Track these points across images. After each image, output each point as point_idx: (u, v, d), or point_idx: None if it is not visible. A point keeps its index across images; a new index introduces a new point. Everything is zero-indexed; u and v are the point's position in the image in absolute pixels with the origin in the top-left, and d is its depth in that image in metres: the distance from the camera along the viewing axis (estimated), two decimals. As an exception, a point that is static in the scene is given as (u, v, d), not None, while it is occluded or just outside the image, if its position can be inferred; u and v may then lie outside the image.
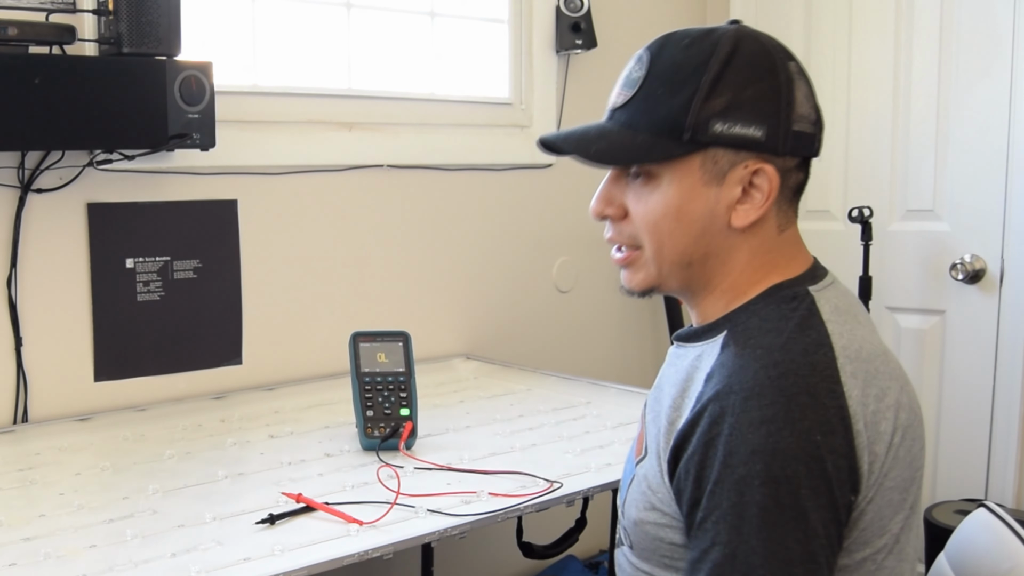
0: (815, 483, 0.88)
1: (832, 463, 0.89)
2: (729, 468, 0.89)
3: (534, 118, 2.52)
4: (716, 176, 0.98)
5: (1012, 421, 2.35)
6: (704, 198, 0.99)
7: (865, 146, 2.59)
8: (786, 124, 0.98)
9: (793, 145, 0.99)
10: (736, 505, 0.88)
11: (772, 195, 0.99)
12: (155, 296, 1.95)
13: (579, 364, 2.59)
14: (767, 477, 0.87)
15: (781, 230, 1.04)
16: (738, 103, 0.96)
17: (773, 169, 0.98)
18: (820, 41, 2.66)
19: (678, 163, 0.98)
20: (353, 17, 2.27)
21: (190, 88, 1.80)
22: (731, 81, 0.97)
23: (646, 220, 1.01)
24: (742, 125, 0.97)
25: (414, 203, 2.33)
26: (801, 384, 0.91)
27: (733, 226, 1.00)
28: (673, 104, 0.97)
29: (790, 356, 0.93)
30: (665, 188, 0.99)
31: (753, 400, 0.90)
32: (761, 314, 0.99)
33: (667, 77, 0.99)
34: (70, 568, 1.17)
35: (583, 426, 1.81)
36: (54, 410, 1.85)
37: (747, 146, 0.97)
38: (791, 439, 0.88)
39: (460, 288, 2.42)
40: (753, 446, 0.88)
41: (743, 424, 0.90)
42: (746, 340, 0.97)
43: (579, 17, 2.50)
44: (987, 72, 2.34)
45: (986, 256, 2.38)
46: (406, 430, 1.61)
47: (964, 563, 1.22)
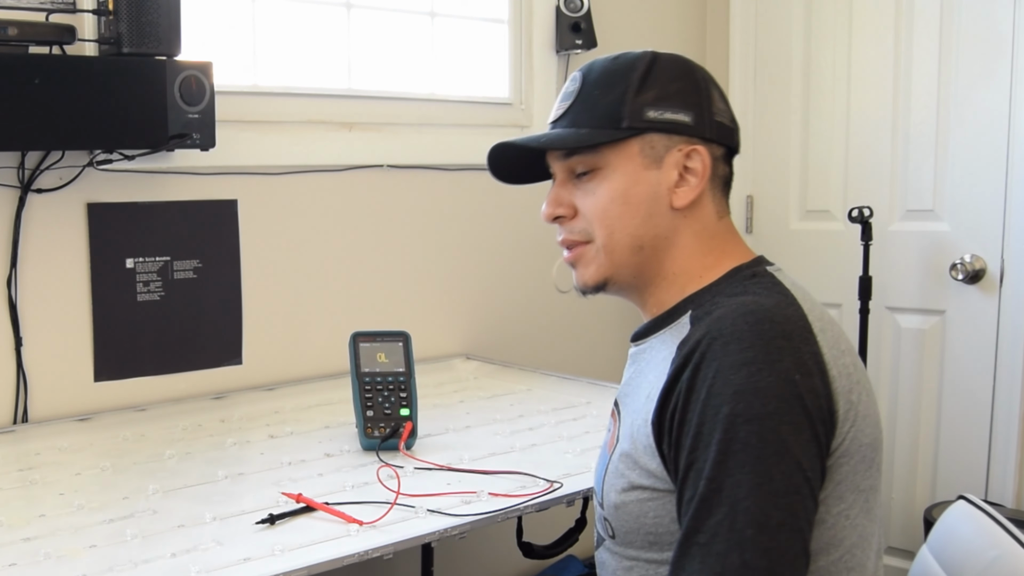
0: (796, 419, 0.93)
1: (811, 401, 0.94)
2: (712, 409, 0.94)
3: (534, 118, 2.52)
4: (654, 160, 1.08)
5: (1012, 421, 2.35)
6: (647, 181, 1.08)
7: (865, 146, 2.59)
8: (709, 114, 1.09)
9: (718, 132, 1.10)
10: (721, 442, 0.93)
11: (706, 175, 1.08)
12: (155, 296, 1.95)
13: (579, 364, 2.59)
14: (750, 415, 0.92)
15: (720, 216, 1.12)
16: (666, 94, 1.07)
17: (705, 150, 1.08)
18: (820, 41, 2.67)
19: (619, 151, 1.08)
20: (353, 17, 2.27)
21: (190, 88, 1.80)
22: (657, 78, 1.08)
23: (596, 209, 1.09)
24: (672, 112, 1.07)
25: (414, 203, 2.33)
26: (777, 329, 0.97)
27: (675, 207, 1.08)
28: (609, 99, 1.08)
29: (764, 307, 1.00)
30: (610, 177, 1.08)
31: (733, 344, 0.96)
32: (726, 291, 1.06)
33: (600, 82, 1.10)
34: (70, 568, 1.17)
35: (583, 426, 1.81)
36: (54, 410, 1.85)
37: (678, 130, 1.08)
38: (771, 378, 0.93)
39: (460, 288, 2.43)
40: (735, 386, 0.93)
41: (724, 367, 0.95)
42: (718, 307, 1.03)
43: (579, 17, 2.50)
44: (987, 72, 2.34)
45: (986, 256, 2.38)
46: (406, 430, 1.61)
47: (948, 554, 1.23)
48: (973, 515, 1.22)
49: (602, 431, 1.77)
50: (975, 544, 1.19)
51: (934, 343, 2.49)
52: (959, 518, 1.25)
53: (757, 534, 0.89)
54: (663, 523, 1.02)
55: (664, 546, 1.03)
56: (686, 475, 0.95)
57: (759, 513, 0.90)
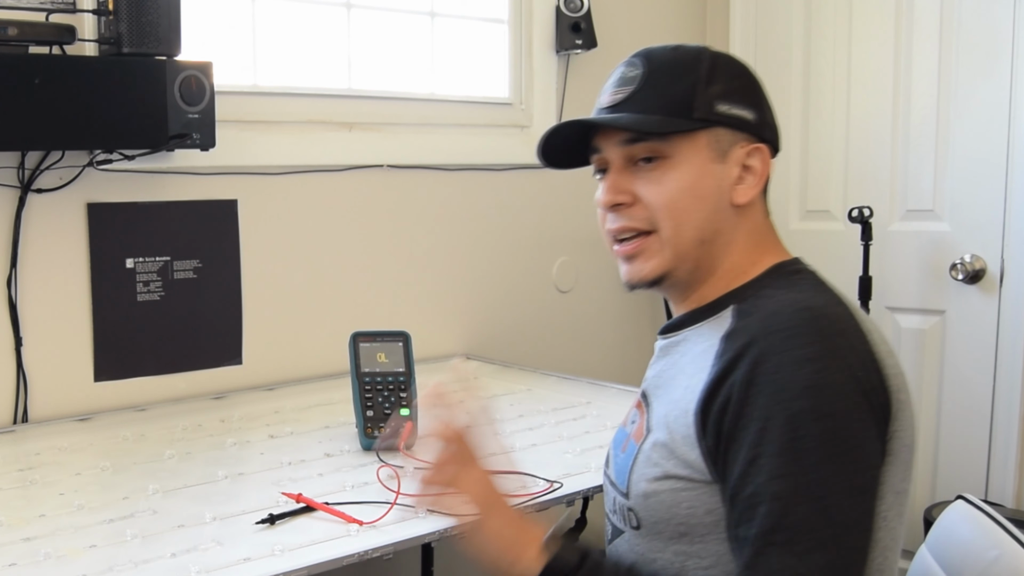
0: (863, 416, 0.94)
1: (874, 399, 0.95)
2: (780, 404, 0.92)
3: (534, 118, 2.52)
4: (720, 154, 1.06)
5: (1012, 421, 2.35)
6: (713, 175, 1.06)
7: (865, 146, 2.59)
8: (768, 114, 1.10)
9: (772, 133, 1.10)
10: (792, 440, 0.91)
11: (765, 174, 1.08)
12: (155, 296, 1.95)
13: (579, 364, 2.59)
14: (820, 412, 0.92)
15: (765, 215, 1.12)
16: (732, 89, 1.07)
17: (768, 149, 1.09)
18: (820, 41, 2.66)
19: (688, 142, 1.05)
20: (353, 17, 2.27)
21: (190, 88, 1.80)
22: (723, 73, 1.07)
23: (663, 200, 1.06)
24: (739, 107, 1.07)
25: (414, 203, 2.33)
26: (835, 326, 0.97)
27: (735, 203, 1.07)
28: (680, 87, 1.06)
29: (818, 304, 1.00)
30: (680, 167, 1.06)
31: (795, 339, 0.95)
32: (772, 284, 1.06)
33: (667, 69, 1.07)
34: (70, 568, 1.17)
35: (583, 426, 1.81)
36: (54, 410, 1.85)
37: (743, 127, 1.07)
38: (837, 374, 0.93)
39: (460, 288, 2.42)
40: (803, 382, 0.92)
41: (788, 362, 0.94)
42: (766, 301, 1.03)
43: (579, 17, 2.50)
44: (987, 72, 2.34)
45: (986, 256, 2.38)
46: (406, 430, 1.61)
47: (948, 554, 1.23)
48: (972, 515, 1.22)
49: (602, 431, 1.77)
50: (975, 544, 1.19)
51: (934, 343, 2.49)
52: (958, 518, 1.25)
53: (840, 533, 0.90)
54: (696, 514, 1.01)
55: (695, 537, 1.02)
56: (747, 469, 0.93)
57: (839, 512, 0.90)
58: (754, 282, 1.07)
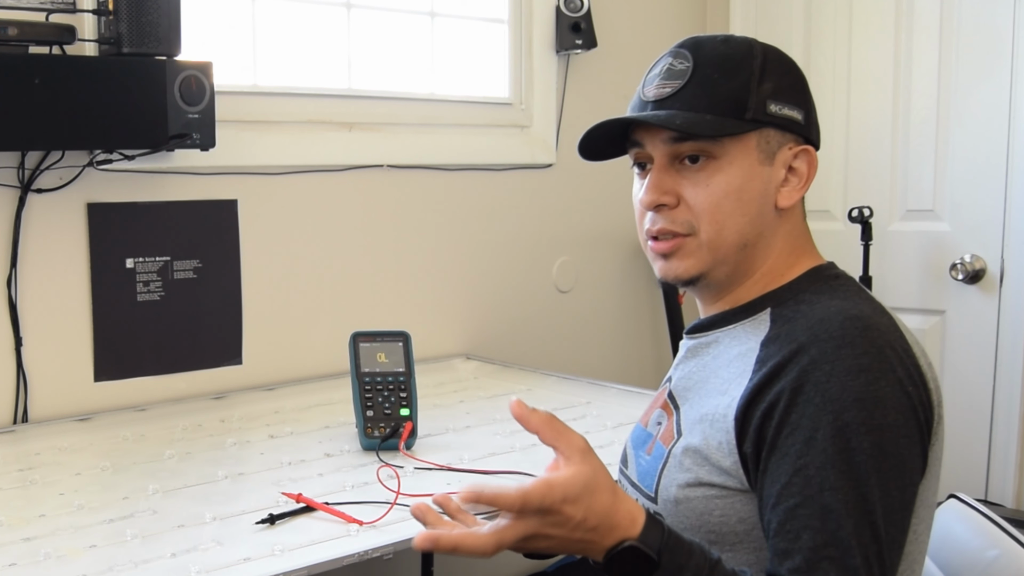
0: (911, 432, 0.92)
1: (921, 413, 0.94)
2: (831, 415, 0.90)
3: (534, 118, 2.52)
4: (768, 156, 1.03)
5: (1012, 421, 2.35)
6: (760, 178, 1.03)
7: (865, 146, 2.59)
8: (814, 114, 1.07)
9: (818, 134, 1.07)
10: (843, 451, 0.89)
11: (811, 177, 1.05)
12: (155, 296, 1.95)
13: (579, 364, 2.59)
14: (871, 425, 0.90)
15: (803, 218, 1.10)
16: (782, 87, 1.03)
17: (814, 152, 1.05)
18: (820, 41, 2.66)
19: (739, 143, 1.02)
20: (353, 17, 2.27)
21: (190, 88, 1.80)
22: (774, 69, 1.04)
23: (708, 203, 1.02)
24: (789, 107, 1.03)
25: (414, 203, 2.33)
26: (884, 338, 0.95)
27: (779, 207, 1.05)
28: (732, 86, 1.01)
29: (866, 313, 0.97)
30: (727, 169, 1.02)
31: (846, 349, 0.92)
32: (811, 289, 1.03)
33: (718, 64, 1.02)
34: (70, 568, 1.17)
35: (583, 426, 1.80)
36: (54, 410, 1.85)
37: (792, 128, 1.04)
38: (889, 388, 0.91)
39: (460, 288, 2.42)
40: (856, 394, 0.90)
41: (839, 371, 0.91)
42: (808, 307, 1.00)
43: (579, 17, 2.50)
44: (987, 72, 2.34)
45: (986, 256, 2.38)
46: (406, 430, 1.61)
47: (945, 554, 1.22)
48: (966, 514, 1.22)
49: (602, 431, 1.77)
50: (972, 544, 1.19)
51: (934, 343, 2.48)
52: (952, 517, 1.24)
53: (884, 550, 0.88)
54: (728, 522, 0.98)
55: (724, 546, 0.98)
56: (791, 479, 0.90)
57: (883, 529, 0.89)
58: (791, 285, 1.04)
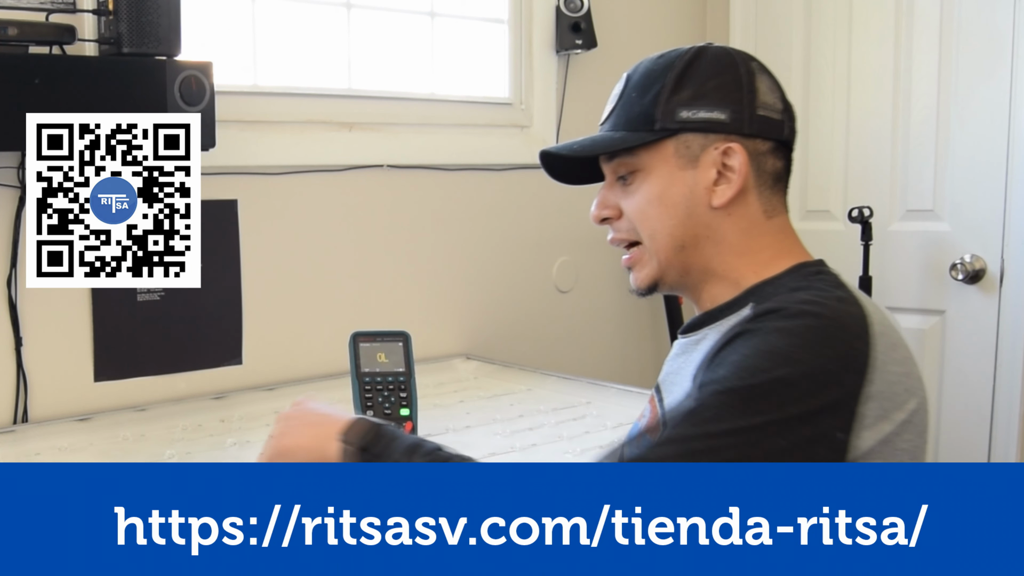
0: (811, 402, 0.92)
1: (834, 394, 0.93)
2: (743, 356, 0.94)
3: (534, 118, 2.52)
4: (690, 160, 1.08)
5: (1012, 421, 2.35)
6: (682, 182, 1.08)
7: (865, 146, 2.59)
8: (750, 109, 1.08)
9: (759, 127, 1.08)
10: (736, 385, 0.92)
11: (744, 172, 1.07)
12: (155, 296, 1.95)
13: (579, 364, 2.59)
14: (773, 376, 0.92)
15: (768, 216, 1.10)
16: (702, 93, 1.07)
17: (740, 146, 1.07)
18: (820, 41, 2.66)
19: (655, 153, 1.08)
20: (353, 17, 2.27)
21: (190, 88, 1.80)
22: (695, 76, 1.08)
23: (635, 211, 1.11)
24: (707, 111, 1.07)
25: (414, 203, 2.33)
26: (836, 323, 0.96)
27: (714, 206, 1.08)
28: (644, 101, 1.09)
29: (828, 301, 0.99)
30: (649, 178, 1.09)
31: (790, 320, 0.96)
32: (789, 284, 1.05)
33: (639, 83, 1.11)
34: (70, 568, 1.17)
35: (583, 426, 1.81)
36: (54, 410, 1.85)
37: (714, 128, 1.07)
38: (809, 356, 0.93)
39: (460, 288, 2.43)
40: (773, 347, 0.93)
41: (771, 330, 0.95)
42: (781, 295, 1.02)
43: (579, 17, 2.50)
44: (987, 72, 2.34)
45: (986, 256, 2.38)
46: (406, 430, 1.61)
47: None
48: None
49: (602, 431, 1.78)
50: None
51: (934, 343, 2.49)
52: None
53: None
54: None
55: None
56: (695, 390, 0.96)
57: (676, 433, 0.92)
58: (774, 280, 1.07)
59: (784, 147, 1.10)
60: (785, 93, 1.11)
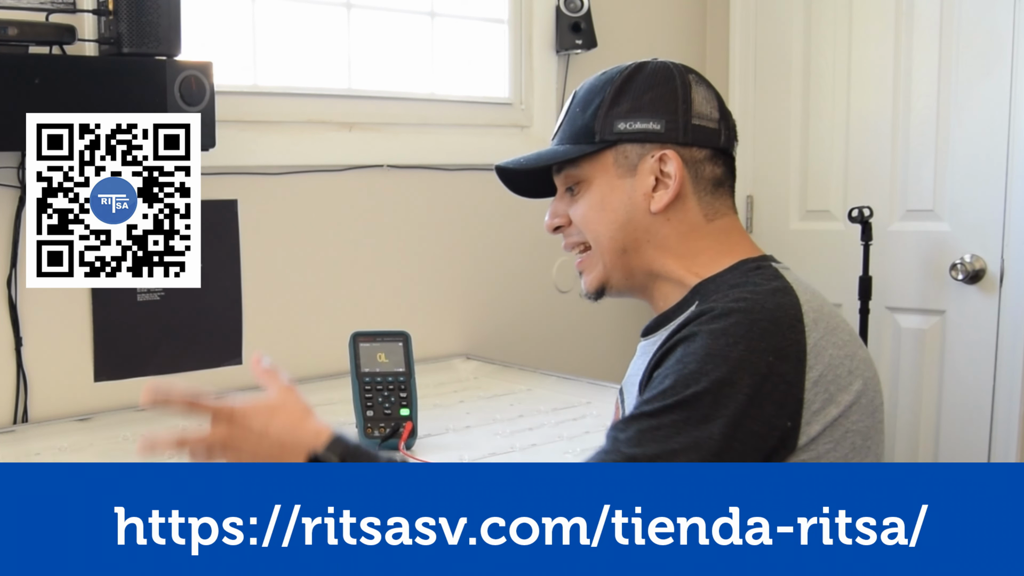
0: (754, 397, 0.96)
1: (775, 385, 0.97)
2: (681, 364, 0.99)
3: (534, 118, 2.52)
4: (628, 169, 1.15)
5: (1012, 421, 2.35)
6: (622, 189, 1.15)
7: (865, 146, 2.59)
8: (685, 119, 1.14)
9: (695, 136, 1.14)
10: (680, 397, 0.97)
11: (680, 177, 1.13)
12: (155, 296, 1.95)
13: (579, 364, 2.59)
14: (714, 377, 0.96)
15: (709, 219, 1.16)
16: (639, 106, 1.14)
17: (674, 153, 1.13)
18: (820, 41, 2.66)
19: (596, 164, 1.16)
20: (353, 17, 2.27)
21: (190, 88, 1.80)
22: (632, 90, 1.15)
23: (580, 218, 1.19)
24: (643, 122, 1.14)
25: (414, 203, 2.33)
26: (767, 315, 1.01)
27: (653, 211, 1.14)
28: (586, 116, 1.17)
29: (759, 295, 1.04)
30: (591, 188, 1.17)
31: (720, 320, 1.01)
32: (729, 281, 1.10)
33: (582, 99, 1.18)
34: (70, 568, 1.17)
35: (583, 426, 1.81)
36: (54, 410, 1.85)
37: (650, 138, 1.14)
38: (745, 352, 0.97)
39: (460, 288, 2.42)
40: (709, 350, 0.98)
41: (705, 333, 1.00)
42: (718, 293, 1.07)
43: (579, 17, 2.50)
44: (987, 72, 2.34)
45: (986, 256, 2.38)
46: (406, 430, 1.61)
47: None
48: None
49: (602, 431, 1.77)
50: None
51: (934, 343, 2.49)
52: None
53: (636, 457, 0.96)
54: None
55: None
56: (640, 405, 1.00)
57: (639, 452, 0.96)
58: (715, 278, 1.12)
59: (722, 154, 1.16)
60: (724, 103, 1.18)
